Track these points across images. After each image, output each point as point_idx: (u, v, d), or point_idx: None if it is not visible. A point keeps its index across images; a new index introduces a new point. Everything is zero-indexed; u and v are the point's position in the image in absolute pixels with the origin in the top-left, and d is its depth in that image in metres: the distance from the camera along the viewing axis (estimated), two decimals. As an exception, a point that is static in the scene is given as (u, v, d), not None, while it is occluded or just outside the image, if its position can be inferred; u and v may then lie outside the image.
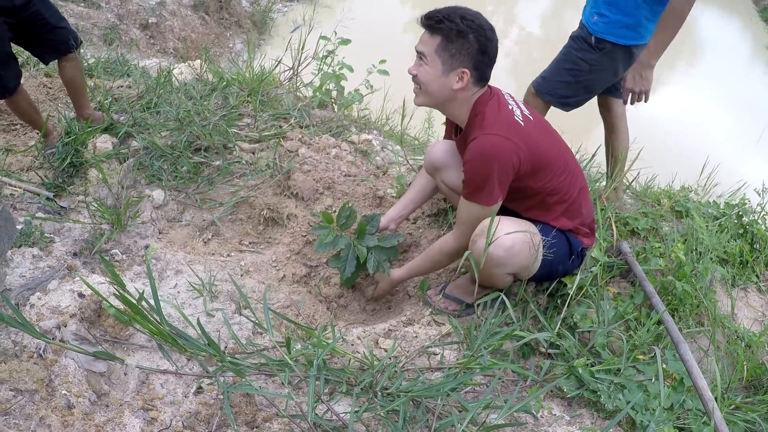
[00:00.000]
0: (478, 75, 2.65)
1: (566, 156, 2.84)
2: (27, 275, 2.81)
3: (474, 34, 2.57)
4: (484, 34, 2.59)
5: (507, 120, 2.63)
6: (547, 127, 2.88)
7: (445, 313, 3.03)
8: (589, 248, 3.01)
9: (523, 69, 10.21)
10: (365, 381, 2.29)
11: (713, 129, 8.64)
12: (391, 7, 12.08)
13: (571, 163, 2.86)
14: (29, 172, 3.77)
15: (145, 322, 2.22)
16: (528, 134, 2.63)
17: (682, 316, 3.11)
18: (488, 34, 2.60)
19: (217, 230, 3.71)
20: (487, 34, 2.59)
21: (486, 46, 2.60)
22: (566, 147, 2.91)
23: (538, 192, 2.75)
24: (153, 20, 7.68)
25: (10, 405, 1.96)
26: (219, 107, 4.45)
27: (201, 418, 2.17)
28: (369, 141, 4.41)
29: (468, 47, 2.58)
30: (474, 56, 2.60)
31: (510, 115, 2.65)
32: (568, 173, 2.80)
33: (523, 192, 2.75)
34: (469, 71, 2.61)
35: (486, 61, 2.63)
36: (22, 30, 3.49)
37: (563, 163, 2.78)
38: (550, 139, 2.81)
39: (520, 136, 2.60)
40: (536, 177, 2.69)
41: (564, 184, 2.78)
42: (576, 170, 2.89)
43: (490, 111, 2.66)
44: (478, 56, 2.60)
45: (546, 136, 2.79)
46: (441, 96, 2.72)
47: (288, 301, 3.20)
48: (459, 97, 2.70)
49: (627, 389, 2.58)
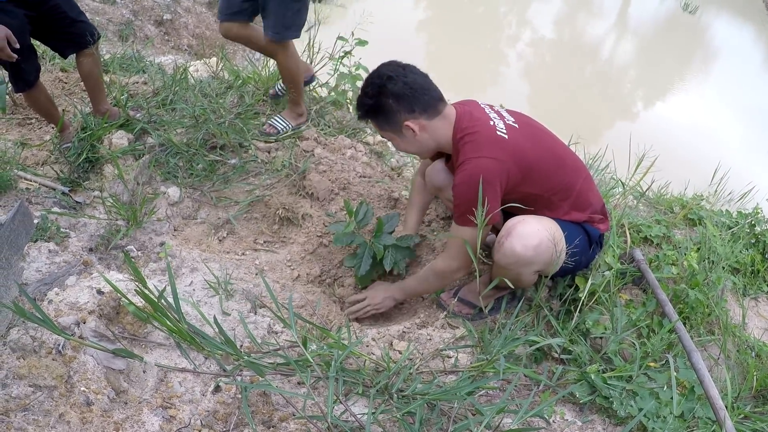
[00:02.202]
0: (420, 110, 2.71)
1: (559, 152, 2.86)
2: (43, 270, 2.83)
3: (381, 97, 2.69)
4: (386, 88, 2.68)
5: (489, 138, 2.65)
6: (534, 128, 2.87)
7: (459, 317, 3.05)
8: (606, 232, 3.03)
9: (535, 72, 10.23)
10: (381, 383, 2.30)
11: (726, 136, 8.63)
12: (404, 7, 12.09)
13: (566, 158, 2.87)
14: (44, 167, 3.79)
15: (164, 319, 2.24)
16: (513, 145, 2.65)
17: (694, 324, 3.11)
18: (389, 85, 2.67)
19: (232, 228, 3.73)
20: (387, 86, 2.67)
21: (397, 93, 2.67)
22: (559, 144, 2.92)
23: (539, 194, 2.77)
24: (168, 17, 7.70)
25: (29, 401, 1.97)
26: (234, 105, 4.46)
27: (219, 416, 2.18)
28: (384, 142, 4.42)
29: (388, 108, 2.71)
30: (399, 107, 2.69)
31: (491, 132, 2.67)
32: (565, 169, 2.82)
33: (525, 198, 2.77)
34: (409, 119, 2.71)
35: (412, 96, 2.68)
36: (42, 23, 3.50)
37: (557, 161, 2.80)
38: (540, 141, 2.81)
39: (505, 151, 2.62)
40: (530, 183, 2.71)
41: (563, 180, 2.80)
42: (574, 163, 2.90)
43: (470, 135, 2.69)
44: (401, 103, 2.69)
45: (534, 138, 2.79)
46: (421, 149, 2.88)
47: (303, 301, 3.22)
48: (429, 136, 2.78)
49: (639, 396, 2.58)
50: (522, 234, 2.62)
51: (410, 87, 2.66)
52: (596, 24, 13.48)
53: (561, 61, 10.51)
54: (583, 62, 10.89)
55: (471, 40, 10.58)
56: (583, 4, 14.89)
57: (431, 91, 2.72)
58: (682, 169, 5.41)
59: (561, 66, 10.24)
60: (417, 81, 2.68)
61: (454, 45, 9.38)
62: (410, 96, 2.66)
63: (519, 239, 2.62)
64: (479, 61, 9.85)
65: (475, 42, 10.63)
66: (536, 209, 2.81)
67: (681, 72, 11.11)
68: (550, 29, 12.50)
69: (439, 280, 3.00)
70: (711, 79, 11.05)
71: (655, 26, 14.01)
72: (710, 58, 12.40)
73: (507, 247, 2.64)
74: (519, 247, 2.61)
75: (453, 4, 12.49)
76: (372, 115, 2.78)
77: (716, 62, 12.06)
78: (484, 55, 10.48)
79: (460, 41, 10.25)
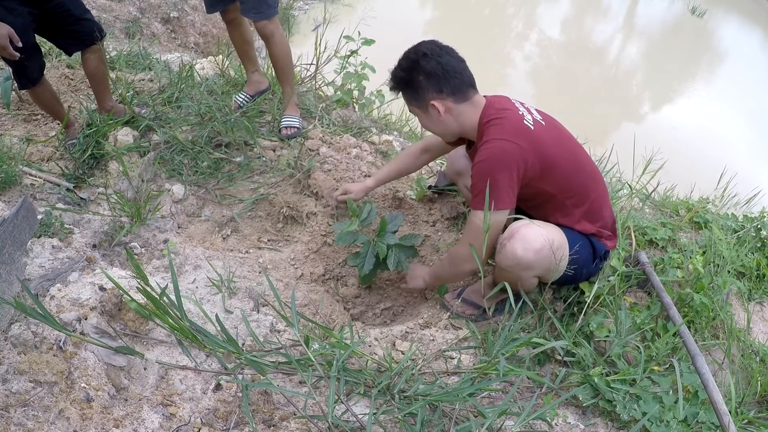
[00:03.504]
0: (449, 92, 2.71)
1: (581, 158, 2.85)
2: (46, 266, 2.82)
3: (412, 72, 2.71)
4: (419, 64, 2.69)
5: (514, 124, 2.66)
6: (559, 130, 2.87)
7: (462, 317, 3.04)
8: (612, 250, 3.02)
9: (542, 72, 10.22)
10: (383, 383, 2.30)
11: (732, 139, 8.61)
12: (411, 6, 12.09)
13: (587, 166, 2.86)
14: (49, 163, 3.80)
15: (165, 317, 2.23)
16: (537, 137, 2.64)
17: (698, 328, 3.09)
18: (423, 62, 2.69)
19: (236, 226, 3.73)
20: (421, 62, 2.69)
21: (429, 71, 2.68)
22: (581, 150, 2.91)
23: (553, 195, 2.75)
24: (174, 14, 7.70)
25: (29, 396, 1.97)
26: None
27: (219, 414, 2.18)
28: (389, 142, 4.42)
29: (417, 84, 2.72)
30: (428, 85, 2.70)
31: (519, 120, 2.67)
32: (584, 176, 2.81)
33: (540, 196, 2.76)
34: (436, 99, 2.72)
35: (442, 77, 2.69)
36: (47, 21, 3.51)
37: (577, 166, 2.79)
38: (563, 142, 2.81)
39: (527, 140, 2.61)
40: (547, 179, 2.70)
41: (580, 186, 2.79)
42: (594, 174, 2.89)
43: (497, 120, 2.69)
44: (431, 82, 2.70)
45: (558, 139, 2.79)
46: (444, 130, 2.89)
47: (306, 300, 3.22)
48: (454, 119, 2.79)
49: (642, 400, 2.57)
50: (525, 237, 2.62)
51: (443, 67, 2.67)
52: (603, 26, 13.46)
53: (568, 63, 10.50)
54: (590, 64, 10.88)
55: (478, 41, 10.57)
56: (590, 6, 14.87)
57: (463, 76, 2.72)
58: (688, 172, 5.41)
59: (568, 68, 10.23)
60: (450, 63, 2.69)
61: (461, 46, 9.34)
62: (441, 76, 2.67)
63: (521, 242, 2.61)
64: (486, 62, 9.83)
65: (482, 43, 10.62)
66: (549, 210, 2.81)
67: (688, 75, 11.08)
68: (557, 31, 12.47)
69: (455, 267, 2.98)
70: (718, 83, 11.02)
71: (663, 29, 13.97)
72: (717, 62, 12.36)
73: (508, 249, 2.64)
74: (520, 250, 2.60)
75: (460, 5, 12.49)
76: (402, 87, 2.80)
77: (723, 66, 12.02)
78: (492, 56, 10.48)
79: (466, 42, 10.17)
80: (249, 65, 4.51)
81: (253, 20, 3.86)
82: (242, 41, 4.36)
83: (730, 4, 15.42)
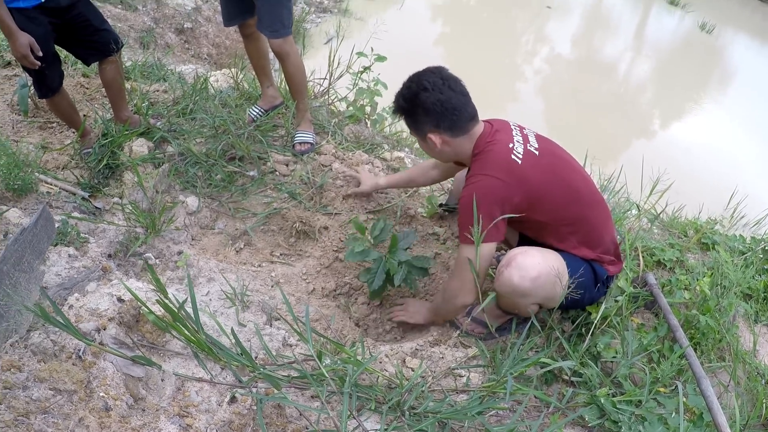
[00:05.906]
0: (447, 127, 2.75)
1: (577, 186, 2.84)
2: (63, 274, 2.86)
3: (413, 104, 2.76)
4: (419, 97, 2.72)
5: (500, 159, 2.68)
6: (556, 158, 2.87)
7: (471, 336, 3.07)
8: (615, 275, 3.03)
9: (551, 88, 10.23)
10: (393, 399, 2.33)
11: (742, 158, 8.59)
12: (422, 20, 12.14)
13: (584, 194, 2.86)
14: (65, 171, 3.84)
15: (182, 329, 2.27)
16: (522, 172, 2.67)
17: (704, 350, 3.11)
18: (422, 96, 2.71)
19: (249, 240, 3.76)
20: (421, 96, 2.71)
21: (427, 107, 2.71)
22: (580, 177, 2.90)
23: (547, 223, 2.79)
24: (188, 25, 7.76)
25: (49, 404, 2.01)
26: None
27: (234, 427, 2.21)
28: (401, 158, 4.45)
29: (416, 116, 2.77)
30: (426, 119, 2.75)
31: (505, 153, 2.69)
32: (580, 204, 2.82)
33: (534, 224, 2.81)
34: (434, 133, 2.77)
35: (441, 114, 2.72)
36: (66, 31, 3.57)
37: (571, 194, 2.80)
38: (558, 171, 2.81)
39: (512, 175, 2.65)
40: (536, 210, 2.72)
41: (576, 215, 2.81)
42: (593, 201, 2.90)
43: (483, 154, 2.74)
44: (429, 117, 2.74)
45: (552, 167, 2.79)
46: (440, 157, 2.99)
47: (317, 315, 3.25)
48: (451, 149, 2.85)
49: (648, 422, 2.59)
50: (521, 265, 2.64)
51: (442, 104, 2.69)
52: (613, 42, 13.49)
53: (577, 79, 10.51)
54: (599, 80, 10.89)
55: (488, 55, 10.60)
56: (600, 23, 14.91)
57: (462, 113, 2.74)
58: (697, 191, 5.42)
59: (577, 84, 10.24)
60: (450, 100, 2.70)
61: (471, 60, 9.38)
62: (439, 113, 2.70)
63: (517, 270, 2.64)
64: (496, 77, 9.86)
65: (491, 58, 10.66)
66: (545, 236, 2.85)
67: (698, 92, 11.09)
68: (567, 47, 12.51)
69: (447, 303, 3.02)
70: (728, 100, 11.02)
71: (672, 45, 14.00)
72: (727, 79, 12.37)
73: (505, 277, 2.67)
74: (516, 278, 2.63)
75: (470, 19, 12.53)
76: (402, 115, 2.86)
77: (734, 83, 12.03)
78: (501, 71, 10.50)
79: (476, 57, 10.27)
80: (264, 80, 4.55)
81: (267, 38, 3.92)
82: (258, 56, 4.42)
83: (740, 20, 15.46)
